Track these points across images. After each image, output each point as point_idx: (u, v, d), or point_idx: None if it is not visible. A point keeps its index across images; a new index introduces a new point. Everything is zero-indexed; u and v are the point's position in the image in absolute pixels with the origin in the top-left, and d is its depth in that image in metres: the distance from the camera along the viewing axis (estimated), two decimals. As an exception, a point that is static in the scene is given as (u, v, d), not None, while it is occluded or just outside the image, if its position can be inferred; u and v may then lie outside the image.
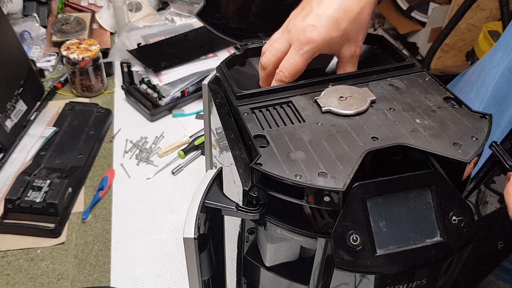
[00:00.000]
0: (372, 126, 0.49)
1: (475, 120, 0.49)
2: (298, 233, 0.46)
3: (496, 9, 1.97)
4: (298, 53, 0.54)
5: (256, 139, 0.48)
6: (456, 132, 0.47)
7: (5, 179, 0.93)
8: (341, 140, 0.47)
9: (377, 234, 0.43)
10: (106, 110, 1.09)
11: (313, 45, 0.53)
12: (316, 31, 0.53)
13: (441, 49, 1.99)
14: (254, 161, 0.45)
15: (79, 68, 1.11)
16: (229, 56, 0.62)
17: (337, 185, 0.42)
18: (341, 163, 0.44)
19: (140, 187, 0.95)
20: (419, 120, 0.49)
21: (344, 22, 0.54)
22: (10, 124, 1.00)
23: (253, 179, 0.46)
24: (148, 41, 1.22)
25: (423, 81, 0.56)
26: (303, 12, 0.55)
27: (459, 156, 0.45)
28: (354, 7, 0.54)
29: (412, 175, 0.45)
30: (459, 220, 0.45)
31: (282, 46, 0.55)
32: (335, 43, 0.55)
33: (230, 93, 0.55)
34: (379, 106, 0.52)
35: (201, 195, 0.47)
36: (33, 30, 1.31)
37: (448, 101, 0.52)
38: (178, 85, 1.11)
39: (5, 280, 0.78)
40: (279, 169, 0.44)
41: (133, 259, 0.82)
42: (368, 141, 0.47)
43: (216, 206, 0.47)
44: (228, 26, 0.66)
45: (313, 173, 0.43)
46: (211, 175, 0.50)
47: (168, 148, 1.02)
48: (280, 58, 0.55)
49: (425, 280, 0.46)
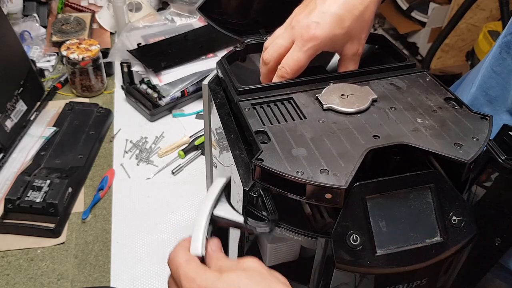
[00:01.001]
0: (373, 125, 0.49)
1: (475, 121, 0.49)
2: (298, 233, 0.46)
3: (496, 9, 1.97)
4: (301, 49, 0.54)
5: (258, 135, 0.48)
6: (457, 133, 0.48)
7: (5, 179, 0.93)
8: (342, 137, 0.47)
9: (377, 234, 0.43)
10: (106, 110, 1.09)
11: (316, 42, 0.53)
12: (319, 28, 0.53)
13: (441, 49, 1.99)
14: (255, 156, 0.45)
15: (79, 68, 1.11)
16: (230, 51, 0.62)
17: (339, 183, 0.42)
18: (343, 161, 0.44)
19: (140, 187, 0.95)
20: (420, 119, 0.49)
21: (348, 20, 0.54)
22: (10, 124, 1.00)
23: (253, 175, 0.46)
24: (148, 41, 1.22)
25: (423, 81, 0.56)
26: (307, 9, 0.55)
27: (461, 156, 0.45)
28: (358, 5, 0.54)
29: (412, 175, 0.45)
30: (459, 220, 0.45)
31: (285, 42, 0.55)
32: (338, 40, 0.55)
33: (231, 88, 0.55)
34: (380, 104, 0.52)
35: (209, 207, 0.45)
36: (33, 30, 1.31)
37: (449, 101, 0.52)
38: (178, 85, 1.11)
39: (5, 280, 0.78)
40: (280, 165, 0.44)
41: (133, 259, 0.82)
42: (369, 139, 0.47)
43: (224, 220, 0.46)
44: (229, 22, 0.66)
45: (314, 170, 0.43)
46: (219, 185, 0.48)
47: (168, 148, 1.02)
48: (282, 54, 0.55)
49: (425, 280, 0.46)
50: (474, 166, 0.46)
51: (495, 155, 0.49)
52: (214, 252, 0.44)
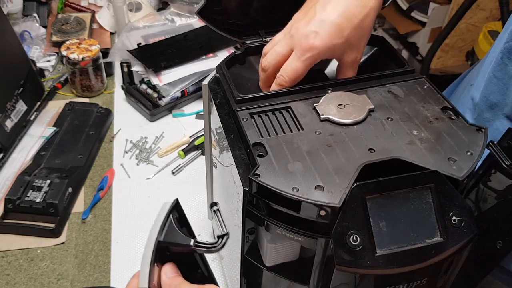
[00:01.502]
0: (369, 137, 0.49)
1: (471, 133, 0.50)
2: (298, 233, 0.46)
3: (496, 9, 1.97)
4: (300, 59, 0.53)
5: (255, 147, 0.48)
6: (451, 146, 0.48)
7: (5, 179, 0.93)
8: (338, 151, 0.48)
9: (377, 234, 0.43)
10: (106, 110, 1.09)
11: (315, 52, 0.53)
12: (319, 38, 0.52)
13: (441, 49, 1.99)
14: (252, 171, 0.45)
15: (79, 68, 1.11)
16: (229, 55, 0.62)
17: (333, 200, 0.43)
18: (338, 176, 0.45)
19: (140, 187, 0.95)
20: (416, 131, 0.50)
21: (347, 29, 0.53)
22: (10, 124, 1.00)
23: (251, 189, 0.46)
24: (148, 41, 1.22)
25: (421, 89, 0.56)
26: (306, 16, 0.54)
27: (454, 173, 0.45)
28: (358, 13, 0.53)
29: (412, 175, 0.45)
30: (459, 220, 0.45)
31: (284, 50, 0.55)
32: (337, 49, 0.54)
33: (229, 95, 0.55)
34: (377, 115, 0.52)
35: (155, 236, 0.43)
36: (33, 30, 1.31)
37: (446, 111, 0.53)
38: (178, 85, 1.11)
39: (5, 280, 0.78)
40: (276, 181, 0.45)
41: (133, 259, 0.82)
42: (365, 153, 0.47)
43: (173, 245, 0.44)
44: (229, 23, 0.66)
45: (309, 186, 0.44)
46: (165, 211, 0.46)
47: (168, 148, 1.02)
48: (281, 62, 0.55)
49: (425, 280, 0.46)
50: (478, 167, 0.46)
51: (499, 159, 0.49)
52: (170, 279, 0.42)
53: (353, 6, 0.53)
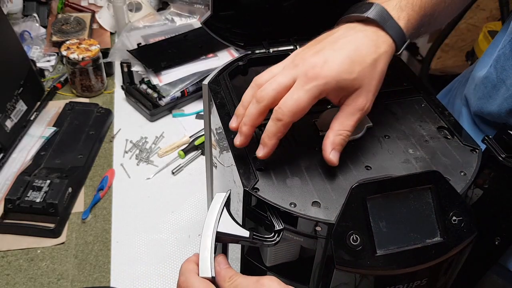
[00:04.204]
0: (366, 154, 0.50)
1: (465, 153, 0.51)
2: (298, 233, 0.47)
3: (496, 9, 1.97)
4: (303, 88, 0.46)
5: (255, 161, 0.49)
6: (445, 166, 0.49)
7: (5, 179, 0.93)
8: (335, 167, 0.48)
9: (377, 234, 0.43)
10: (106, 110, 1.09)
11: (322, 82, 0.46)
12: (327, 67, 0.46)
13: (441, 49, 1.99)
14: (251, 185, 0.46)
15: (79, 68, 1.11)
16: (232, 64, 0.62)
17: (329, 217, 0.44)
18: (334, 193, 0.46)
19: (140, 187, 0.95)
20: (412, 150, 0.51)
21: (359, 65, 0.47)
22: (10, 124, 1.00)
23: (250, 201, 0.47)
24: (148, 41, 1.22)
25: (419, 107, 0.57)
26: (313, 49, 0.49)
27: None
28: (370, 54, 0.48)
29: (412, 175, 0.45)
30: (459, 220, 0.45)
31: (286, 80, 0.47)
32: (345, 86, 0.47)
33: (231, 108, 0.56)
34: (375, 132, 0.53)
35: (213, 225, 0.44)
36: (33, 30, 1.31)
37: (442, 130, 0.54)
38: (178, 85, 1.11)
39: (5, 280, 0.78)
40: (275, 196, 0.46)
41: (133, 259, 0.82)
42: (361, 170, 0.49)
43: (230, 237, 0.45)
44: (233, 33, 0.66)
45: (307, 201, 0.45)
46: (220, 200, 0.47)
47: (168, 148, 1.02)
48: (281, 94, 0.47)
49: (425, 280, 0.46)
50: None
51: (495, 153, 0.50)
52: (225, 270, 0.43)
53: (365, 46, 0.48)
